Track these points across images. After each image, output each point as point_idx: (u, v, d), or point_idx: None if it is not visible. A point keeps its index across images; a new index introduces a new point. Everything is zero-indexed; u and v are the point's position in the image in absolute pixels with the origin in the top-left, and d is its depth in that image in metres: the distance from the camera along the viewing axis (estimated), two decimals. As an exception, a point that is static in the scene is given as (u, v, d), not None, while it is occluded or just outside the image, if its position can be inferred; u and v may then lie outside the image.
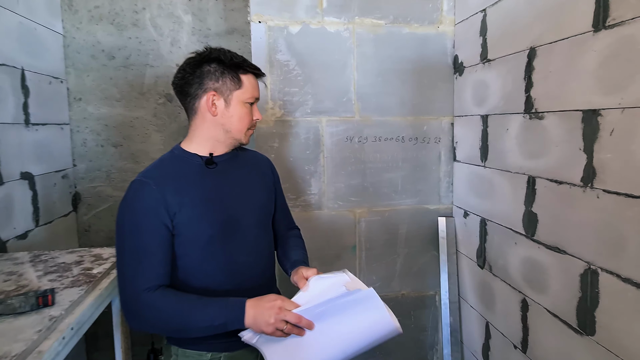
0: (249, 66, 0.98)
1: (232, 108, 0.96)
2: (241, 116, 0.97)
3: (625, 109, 1.02)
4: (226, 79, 0.95)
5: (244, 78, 0.96)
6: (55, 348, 0.83)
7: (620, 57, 1.03)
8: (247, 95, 0.97)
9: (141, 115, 2.05)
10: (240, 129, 0.98)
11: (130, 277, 0.88)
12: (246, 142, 1.02)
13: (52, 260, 1.25)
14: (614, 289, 1.06)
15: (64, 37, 1.95)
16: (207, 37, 2.05)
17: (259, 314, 0.84)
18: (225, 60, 0.94)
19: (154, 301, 0.86)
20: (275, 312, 0.83)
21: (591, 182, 1.12)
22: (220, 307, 0.86)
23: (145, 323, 0.88)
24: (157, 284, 0.88)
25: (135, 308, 0.87)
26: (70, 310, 0.95)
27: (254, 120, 1.01)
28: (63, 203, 1.92)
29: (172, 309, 0.86)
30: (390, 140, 1.88)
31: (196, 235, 0.93)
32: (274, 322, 0.82)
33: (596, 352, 1.12)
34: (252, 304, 0.86)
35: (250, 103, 0.98)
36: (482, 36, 1.65)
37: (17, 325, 0.85)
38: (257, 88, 1.00)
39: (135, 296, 0.86)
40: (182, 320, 0.86)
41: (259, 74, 1.00)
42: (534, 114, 1.35)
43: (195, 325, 0.85)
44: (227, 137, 0.99)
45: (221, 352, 0.92)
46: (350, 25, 1.80)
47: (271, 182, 1.14)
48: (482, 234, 1.70)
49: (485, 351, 1.70)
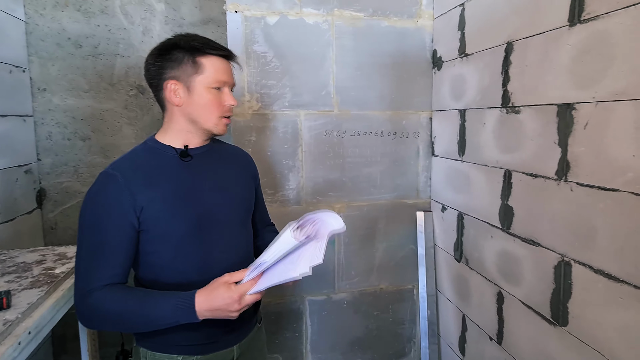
0: (212, 48, 0.90)
1: (195, 95, 0.90)
2: (206, 103, 0.90)
3: (599, 103, 1.03)
4: (186, 65, 0.89)
5: (205, 62, 0.89)
6: (10, 354, 0.77)
7: (594, 51, 1.04)
8: (210, 79, 0.89)
9: (111, 108, 1.96)
10: (208, 117, 0.92)
11: (83, 273, 0.84)
12: (219, 131, 0.95)
13: (10, 260, 1.17)
14: (586, 280, 1.08)
15: (26, 24, 1.84)
16: (181, 26, 1.98)
17: (217, 315, 0.82)
18: (183, 45, 0.89)
19: (100, 301, 0.82)
20: (230, 308, 0.80)
21: (565, 175, 1.14)
22: (169, 308, 0.82)
23: (93, 323, 0.85)
24: (108, 283, 0.84)
25: (84, 306, 0.83)
26: (28, 313, 0.88)
27: (227, 106, 0.93)
28: (26, 199, 1.82)
29: (118, 309, 0.82)
30: (369, 134, 1.87)
31: (167, 231, 0.88)
32: (237, 314, 0.82)
33: (569, 342, 1.14)
34: (203, 305, 0.81)
35: (216, 88, 0.91)
36: (460, 30, 1.65)
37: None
38: (224, 71, 0.92)
39: (85, 293, 0.82)
40: (132, 319, 0.82)
41: (225, 54, 0.92)
42: (510, 108, 1.36)
43: (144, 325, 0.83)
44: (196, 128, 0.94)
45: (193, 355, 0.88)
46: (329, 17, 1.76)
47: (251, 178, 1.10)
48: (459, 228, 1.71)
49: (462, 343, 1.72)
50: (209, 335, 0.88)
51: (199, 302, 0.80)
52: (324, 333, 1.91)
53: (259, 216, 1.16)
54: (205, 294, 0.81)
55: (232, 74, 0.97)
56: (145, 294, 0.84)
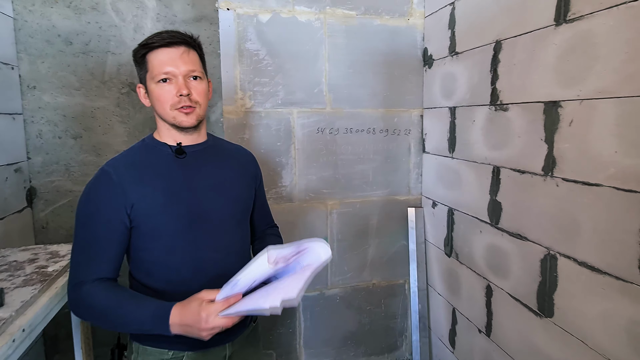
0: (155, 41, 0.88)
1: (150, 93, 0.91)
2: (157, 98, 0.90)
3: (584, 101, 1.06)
4: (139, 67, 0.92)
5: (150, 57, 0.89)
6: (5, 352, 0.78)
7: (579, 50, 1.07)
8: (154, 73, 0.89)
9: (103, 105, 1.94)
10: (163, 111, 0.91)
11: (74, 267, 0.87)
12: (181, 123, 0.91)
13: (2, 259, 1.17)
14: (571, 273, 1.12)
15: (15, 20, 1.82)
16: (174, 23, 1.97)
17: (186, 331, 0.79)
18: (138, 48, 0.90)
19: (88, 295, 0.84)
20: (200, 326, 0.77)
21: (551, 171, 1.17)
22: (145, 316, 0.81)
23: (81, 314, 0.87)
24: (98, 277, 0.86)
25: (74, 297, 0.85)
26: (22, 311, 0.89)
27: (177, 97, 0.88)
28: (16, 198, 1.80)
29: (102, 306, 0.83)
30: (362, 132, 1.89)
31: (157, 227, 0.89)
32: (206, 334, 0.78)
33: (554, 332, 1.18)
34: (176, 319, 0.79)
35: (163, 80, 0.88)
36: (450, 29, 1.68)
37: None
38: (169, 61, 0.88)
39: (76, 285, 0.85)
40: (114, 319, 0.84)
41: (171, 42, 0.88)
42: (499, 106, 1.39)
43: (124, 326, 0.84)
44: (167, 124, 0.94)
45: (184, 350, 0.89)
46: (322, 15, 1.78)
47: (252, 178, 1.09)
48: (449, 223, 1.74)
49: (452, 336, 1.76)
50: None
51: (174, 314, 0.79)
52: (317, 328, 1.93)
53: (260, 216, 1.15)
54: (180, 308, 0.80)
55: (188, 60, 0.90)
56: (130, 296, 0.85)
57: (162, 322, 0.80)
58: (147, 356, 0.88)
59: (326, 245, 0.81)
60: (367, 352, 2.01)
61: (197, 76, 0.92)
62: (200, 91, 0.92)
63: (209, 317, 0.77)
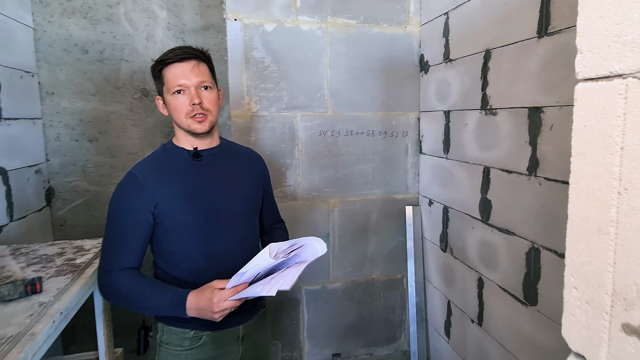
0: (169, 57, 0.99)
1: (167, 103, 1.03)
2: (174, 107, 1.01)
3: (562, 107, 1.17)
4: (157, 81, 1.04)
5: (166, 72, 1.00)
6: (47, 331, 0.89)
7: (558, 61, 1.18)
8: (170, 86, 1.00)
9: (117, 110, 2.06)
10: (179, 119, 1.02)
11: (104, 256, 1.00)
12: (196, 129, 1.01)
13: (33, 253, 1.28)
14: (552, 264, 1.22)
15: (35, 31, 1.93)
16: (183, 32, 2.08)
17: (201, 312, 0.92)
18: (154, 64, 1.02)
19: (114, 282, 0.97)
20: (212, 309, 0.89)
21: (535, 171, 1.27)
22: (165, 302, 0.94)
23: (109, 298, 0.99)
24: (123, 267, 0.98)
25: (102, 283, 0.98)
26: (58, 297, 1.00)
27: (190, 107, 0.99)
28: (37, 198, 1.92)
29: (127, 293, 0.96)
30: (361, 134, 1.99)
31: (178, 223, 1.00)
32: (218, 316, 0.90)
33: (538, 319, 1.28)
34: (192, 301, 0.92)
35: (178, 92, 0.99)
36: (445, 37, 1.78)
37: (7, 312, 0.90)
38: (182, 75, 0.98)
39: (105, 272, 0.98)
40: (137, 304, 0.96)
41: (183, 57, 0.99)
42: (488, 110, 1.50)
43: (147, 310, 0.96)
44: (181, 130, 1.05)
45: (204, 330, 1.00)
46: (323, 24, 1.88)
47: (261, 177, 1.20)
48: (444, 221, 1.85)
49: (447, 327, 1.86)
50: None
51: (190, 300, 0.92)
52: (319, 320, 2.04)
53: (268, 213, 1.26)
54: (196, 295, 0.93)
55: (199, 72, 1.00)
56: (151, 284, 0.97)
57: (180, 306, 0.92)
58: (171, 335, 0.99)
59: (322, 241, 0.93)
60: (367, 343, 2.11)
61: (208, 86, 1.03)
62: (211, 100, 1.03)
63: (219, 301, 0.89)
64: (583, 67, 0.39)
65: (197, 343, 0.99)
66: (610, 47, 0.35)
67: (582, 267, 0.40)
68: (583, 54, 0.39)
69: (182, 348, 0.99)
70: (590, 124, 0.38)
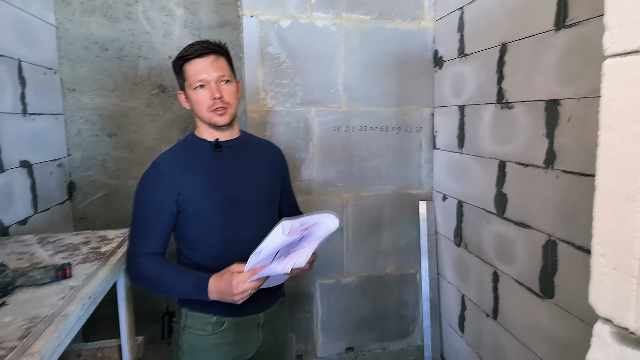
0: (189, 53, 1.02)
1: (189, 98, 1.06)
2: (196, 101, 1.04)
3: (580, 99, 1.16)
4: (178, 77, 1.07)
5: (186, 68, 1.03)
6: (78, 312, 0.93)
7: (576, 52, 1.17)
8: (191, 81, 1.03)
9: (135, 106, 2.11)
10: (201, 113, 1.05)
11: (131, 242, 1.04)
12: (217, 121, 1.04)
13: (59, 242, 1.32)
14: (570, 256, 1.22)
15: (57, 29, 1.99)
16: (200, 29, 2.12)
17: (222, 295, 0.94)
18: (175, 60, 1.05)
19: (139, 266, 1.00)
20: (233, 288, 0.91)
21: (552, 163, 1.27)
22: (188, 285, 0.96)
23: (135, 281, 1.03)
24: (148, 252, 1.02)
25: (129, 268, 1.02)
26: (87, 281, 1.03)
27: (211, 100, 1.01)
28: (59, 191, 1.97)
29: (151, 277, 0.99)
30: (375, 129, 2.01)
31: (200, 210, 1.03)
32: (238, 299, 0.92)
33: (555, 312, 1.28)
34: (213, 284, 0.94)
35: (200, 86, 1.02)
36: (459, 32, 1.78)
37: (40, 294, 0.94)
38: (202, 70, 1.01)
39: (130, 258, 1.02)
40: (161, 287, 1.00)
41: (202, 53, 1.01)
42: (504, 104, 1.50)
43: (170, 293, 1.00)
44: (203, 122, 1.08)
45: (226, 316, 1.03)
46: (338, 20, 1.90)
47: (279, 169, 1.22)
48: (458, 215, 1.85)
49: (461, 322, 1.86)
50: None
51: (211, 283, 0.94)
52: (333, 314, 2.06)
53: (286, 203, 1.28)
54: (216, 278, 0.95)
55: (218, 67, 1.02)
56: (174, 269, 1.00)
57: (202, 290, 0.95)
58: (194, 320, 1.02)
59: (335, 217, 0.93)
60: (381, 338, 2.13)
61: (227, 80, 1.06)
62: (231, 93, 1.06)
63: (238, 284, 0.91)
64: (611, 44, 0.40)
65: (219, 328, 1.02)
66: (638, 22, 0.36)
67: (609, 234, 0.42)
68: (612, 30, 0.40)
69: (205, 332, 1.02)
70: (619, 97, 0.39)
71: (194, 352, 1.02)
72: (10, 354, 0.70)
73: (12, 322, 0.81)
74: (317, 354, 2.06)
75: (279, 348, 1.18)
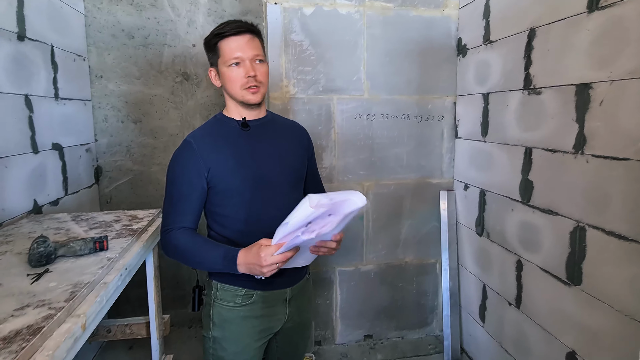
0: (226, 31, 1.03)
1: (222, 75, 1.07)
2: (229, 78, 1.05)
3: (614, 82, 1.14)
4: (211, 53, 1.07)
5: (222, 45, 1.04)
6: (116, 282, 0.96)
7: (610, 35, 1.15)
8: (227, 58, 1.04)
9: (159, 93, 2.15)
10: (234, 90, 1.06)
11: (164, 217, 1.06)
12: (249, 100, 1.06)
13: (92, 219, 1.36)
14: (599, 242, 1.20)
15: (86, 17, 2.04)
16: (222, 17, 2.14)
17: (250, 267, 0.94)
18: (210, 36, 1.06)
19: (173, 239, 1.02)
20: (261, 260, 0.91)
21: (582, 148, 1.26)
22: (218, 258, 0.98)
23: (169, 253, 1.04)
24: (181, 226, 1.04)
25: (163, 241, 1.04)
26: (122, 254, 1.07)
27: (245, 78, 1.04)
28: (87, 175, 2.03)
29: (184, 248, 1.01)
30: (397, 117, 2.00)
31: (229, 187, 1.05)
32: (267, 270, 0.92)
33: (582, 299, 1.26)
34: (242, 257, 0.96)
35: (235, 64, 1.03)
36: (485, 19, 1.76)
37: (80, 264, 0.97)
38: (238, 48, 1.02)
39: (164, 231, 1.04)
40: (192, 259, 1.01)
41: (239, 31, 1.03)
42: (532, 90, 1.48)
43: (201, 264, 1.01)
44: (235, 101, 1.09)
45: (255, 289, 1.05)
46: (361, 7, 1.90)
47: (304, 149, 1.23)
48: (481, 204, 1.83)
49: (482, 311, 1.85)
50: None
51: (240, 256, 0.96)
52: (352, 301, 2.07)
53: (312, 184, 1.29)
54: (245, 252, 0.96)
55: (253, 46, 1.04)
56: (205, 242, 1.02)
57: (231, 262, 0.96)
58: (224, 292, 1.05)
59: (361, 195, 0.92)
60: (399, 327, 2.13)
61: (261, 59, 1.07)
62: (264, 72, 1.08)
63: (266, 256, 0.92)
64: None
65: (248, 301, 1.05)
66: None
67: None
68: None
69: (235, 304, 1.04)
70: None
71: (223, 323, 1.05)
72: (59, 313, 0.73)
73: (57, 286, 0.84)
74: (335, 341, 2.08)
75: (303, 326, 1.20)
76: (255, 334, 1.07)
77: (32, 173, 1.55)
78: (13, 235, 1.19)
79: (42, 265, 0.94)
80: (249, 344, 1.07)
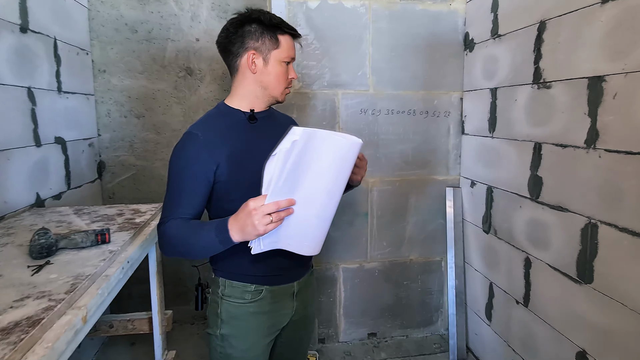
0: (287, 27, 1.04)
1: (270, 66, 1.04)
2: (278, 74, 1.05)
3: (628, 74, 1.11)
4: (265, 39, 1.02)
5: (281, 38, 1.03)
6: (118, 274, 0.94)
7: (625, 26, 1.12)
8: (284, 54, 1.04)
9: (162, 88, 2.13)
10: (277, 86, 1.06)
11: (164, 208, 1.01)
12: (282, 99, 1.10)
13: (94, 213, 1.35)
14: (612, 239, 1.17)
15: (89, 11, 2.02)
16: (226, 12, 2.12)
17: (243, 226, 0.88)
18: (265, 21, 1.02)
19: (167, 228, 0.96)
20: (252, 215, 0.86)
21: (594, 143, 1.23)
22: (210, 231, 0.92)
23: (163, 247, 0.98)
24: (177, 217, 0.98)
25: (158, 234, 0.98)
26: (124, 247, 1.05)
27: (290, 79, 1.08)
28: (90, 170, 2.01)
29: (177, 234, 0.95)
30: (402, 113, 1.98)
31: (237, 181, 1.03)
32: (258, 222, 0.86)
33: (594, 297, 1.24)
34: (233, 220, 0.91)
35: (286, 62, 1.05)
36: (493, 12, 1.74)
37: (82, 256, 0.96)
38: (293, 48, 1.07)
39: (162, 223, 0.98)
40: (186, 243, 0.95)
41: (296, 34, 1.07)
42: (542, 84, 1.45)
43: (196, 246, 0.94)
44: (264, 94, 1.07)
45: (263, 285, 1.03)
46: (367, 1, 1.87)
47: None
48: (488, 201, 1.81)
49: (489, 309, 1.83)
50: (273, 269, 1.03)
51: (231, 221, 0.90)
52: (356, 299, 2.04)
53: None
54: (234, 216, 0.91)
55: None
56: (198, 223, 0.98)
57: (224, 231, 0.90)
58: (232, 289, 1.02)
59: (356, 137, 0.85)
60: (404, 325, 2.10)
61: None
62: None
63: (256, 204, 0.87)
64: None
65: (257, 297, 1.02)
66: None
67: None
68: None
69: (244, 301, 1.02)
70: None
71: (232, 320, 1.02)
72: (59, 305, 0.71)
73: (58, 278, 0.83)
74: (339, 339, 2.06)
75: (308, 320, 1.19)
76: (263, 330, 1.05)
77: (34, 166, 1.53)
78: (15, 228, 1.17)
79: (43, 257, 0.93)
80: (258, 341, 1.05)
